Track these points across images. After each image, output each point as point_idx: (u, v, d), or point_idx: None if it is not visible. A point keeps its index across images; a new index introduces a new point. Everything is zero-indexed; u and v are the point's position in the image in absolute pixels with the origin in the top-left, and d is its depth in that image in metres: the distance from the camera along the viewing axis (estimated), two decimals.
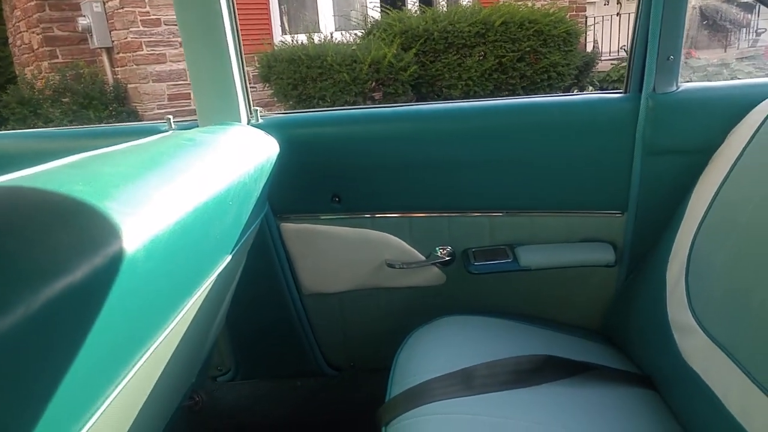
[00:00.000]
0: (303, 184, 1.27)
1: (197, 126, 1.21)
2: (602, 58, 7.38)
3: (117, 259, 0.48)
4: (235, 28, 1.17)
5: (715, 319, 0.89)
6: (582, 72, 6.23)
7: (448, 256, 1.30)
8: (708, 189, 1.02)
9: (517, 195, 1.25)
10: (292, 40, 5.49)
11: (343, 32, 5.85)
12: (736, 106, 1.06)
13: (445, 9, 5.78)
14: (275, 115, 1.28)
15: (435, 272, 1.33)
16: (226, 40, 1.14)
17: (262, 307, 1.39)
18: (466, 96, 5.29)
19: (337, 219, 1.30)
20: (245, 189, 0.88)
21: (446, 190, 1.26)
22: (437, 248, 1.31)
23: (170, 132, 1.19)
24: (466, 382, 0.98)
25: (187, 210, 0.64)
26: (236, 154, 0.91)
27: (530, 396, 0.97)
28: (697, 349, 0.91)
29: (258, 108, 1.25)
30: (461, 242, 1.30)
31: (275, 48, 5.50)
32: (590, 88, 6.22)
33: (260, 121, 1.25)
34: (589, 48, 7.32)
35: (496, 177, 1.23)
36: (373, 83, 5.08)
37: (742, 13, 6.81)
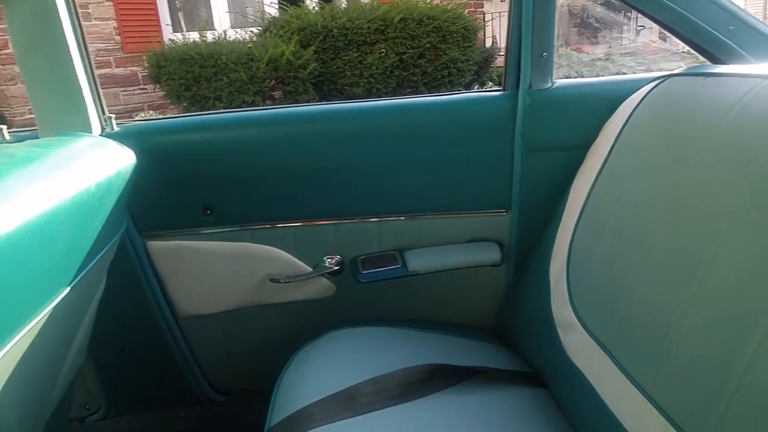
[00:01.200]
0: (170, 198, 1.17)
1: (36, 137, 1.07)
2: (501, 53, 7.57)
3: None
4: (76, 24, 1.04)
5: (592, 314, 0.90)
6: (482, 68, 6.36)
7: (336, 266, 1.24)
8: (585, 184, 1.03)
9: (402, 198, 1.21)
10: (184, 39, 5.23)
11: (239, 30, 5.64)
12: (608, 101, 1.07)
13: (344, 5, 5.72)
14: (134, 123, 1.16)
15: (324, 283, 1.26)
16: (65, 39, 1.01)
17: (132, 335, 1.27)
18: (368, 93, 5.26)
19: (211, 233, 1.20)
20: (83, 210, 0.77)
21: (329, 196, 1.19)
22: (325, 258, 1.24)
23: None
24: (350, 402, 0.92)
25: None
26: (72, 171, 0.79)
27: (418, 409, 0.93)
28: (577, 345, 0.91)
29: (112, 115, 1.12)
30: (349, 250, 1.24)
31: (165, 47, 5.21)
32: (490, 83, 6.37)
33: (116, 129, 1.13)
34: (488, 44, 7.49)
35: (380, 180, 1.19)
36: (272, 82, 4.93)
37: (624, 11, 7.24)
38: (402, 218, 1.22)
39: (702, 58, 1.03)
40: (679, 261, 0.72)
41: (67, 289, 0.77)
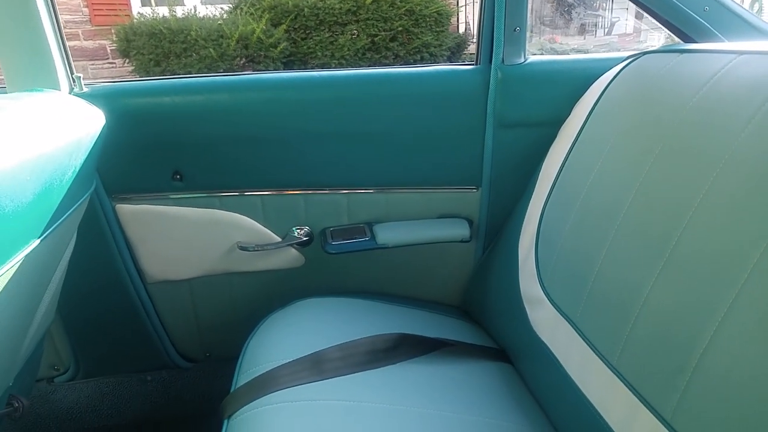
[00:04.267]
0: (139, 161, 1.15)
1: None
2: (473, 40, 7.58)
3: None
4: None
5: (559, 289, 0.90)
6: (454, 53, 6.37)
7: (305, 237, 1.24)
8: (555, 161, 1.04)
9: (374, 171, 1.21)
10: (153, 13, 5.11)
11: (209, 6, 5.53)
12: (581, 78, 1.08)
13: None
14: (103, 84, 1.14)
15: (293, 254, 1.26)
16: None
17: (101, 298, 1.25)
18: None
19: (180, 199, 1.19)
20: (53, 164, 0.76)
21: (299, 165, 1.19)
22: (294, 228, 1.24)
23: None
24: (317, 366, 0.93)
25: None
26: (41, 124, 0.78)
27: (384, 376, 0.94)
28: (544, 320, 0.92)
29: (80, 75, 1.10)
30: (318, 221, 1.24)
31: (134, 20, 5.09)
32: None
33: (84, 90, 1.11)
34: (461, 29, 7.50)
35: (350, 152, 1.18)
36: (243, 60, 4.87)
37: (599, 2, 7.29)
38: (372, 191, 1.23)
39: (677, 39, 1.04)
40: (647, 238, 0.73)
41: (37, 241, 0.76)
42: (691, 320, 0.62)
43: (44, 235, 0.78)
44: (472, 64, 1.17)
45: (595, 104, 0.99)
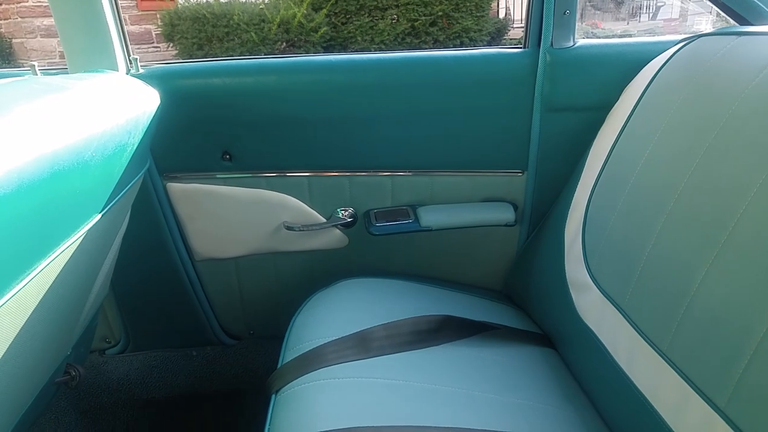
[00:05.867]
0: (190, 141, 1.18)
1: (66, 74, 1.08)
2: (514, 26, 7.48)
3: None
4: None
5: (607, 274, 0.90)
6: (494, 39, 6.30)
7: (349, 218, 1.26)
8: (604, 146, 1.03)
9: (418, 153, 1.21)
10: None
11: None
12: (631, 63, 1.07)
13: None
14: (158, 65, 1.17)
15: (337, 234, 1.28)
16: None
17: (151, 274, 1.30)
18: None
19: (229, 178, 1.22)
20: (114, 141, 0.79)
21: (345, 147, 1.20)
22: (338, 209, 1.26)
23: (27, 77, 1.06)
24: (362, 345, 0.95)
25: (32, 156, 0.56)
26: (104, 103, 0.81)
27: (428, 357, 0.95)
28: (590, 305, 0.92)
29: (137, 57, 1.13)
30: (363, 203, 1.26)
31: (178, 5, 5.18)
32: None
33: (140, 71, 1.14)
34: (502, 14, 7.40)
35: (396, 134, 1.19)
36: (283, 44, 4.91)
37: None
38: (417, 174, 1.23)
39: (732, 21, 1.01)
40: (700, 225, 0.71)
41: (98, 216, 0.79)
42: (746, 307, 0.61)
43: (105, 210, 0.81)
44: (520, 48, 1.16)
45: (646, 88, 0.97)
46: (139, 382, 1.42)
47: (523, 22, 1.19)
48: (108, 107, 0.81)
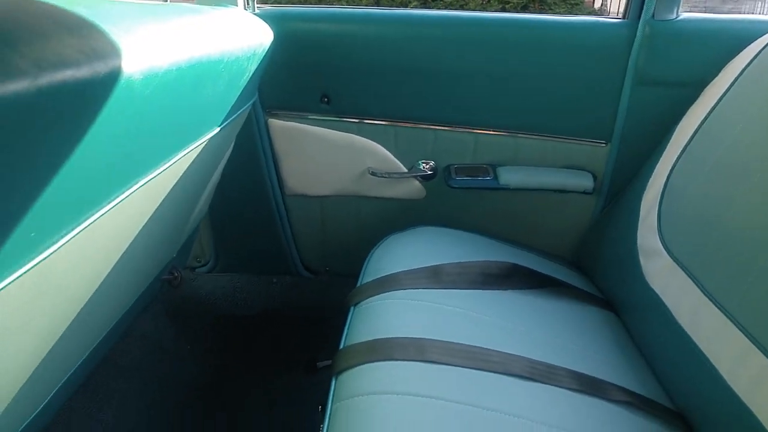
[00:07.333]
0: (294, 81, 1.27)
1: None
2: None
3: (116, 72, 0.49)
4: None
5: (680, 242, 0.92)
6: None
7: (430, 171, 1.32)
8: (693, 121, 1.03)
9: (504, 114, 1.25)
10: None
11: None
12: (735, 39, 1.05)
13: None
14: (271, 8, 1.26)
15: (415, 185, 1.34)
16: None
17: (245, 202, 1.41)
18: None
19: (324, 120, 1.31)
20: (237, 64, 0.88)
21: (435, 101, 1.26)
22: (420, 162, 1.32)
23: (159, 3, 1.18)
24: (435, 276, 1.01)
25: (183, 57, 0.65)
26: (229, 30, 0.90)
27: (495, 297, 1.00)
28: (659, 271, 0.94)
29: None
30: (444, 157, 1.31)
31: None
32: None
33: (256, 11, 1.24)
34: (597, 5, 7.18)
35: (484, 92, 1.23)
36: None
37: None
38: (500, 133, 1.27)
39: None
40: None
41: (217, 129, 0.89)
42: None
43: (222, 125, 0.91)
44: (619, 19, 1.17)
45: (746, 68, 0.97)
46: (223, 299, 1.55)
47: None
48: (233, 32, 0.90)
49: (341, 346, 0.86)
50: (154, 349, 1.38)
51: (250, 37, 0.98)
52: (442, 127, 1.29)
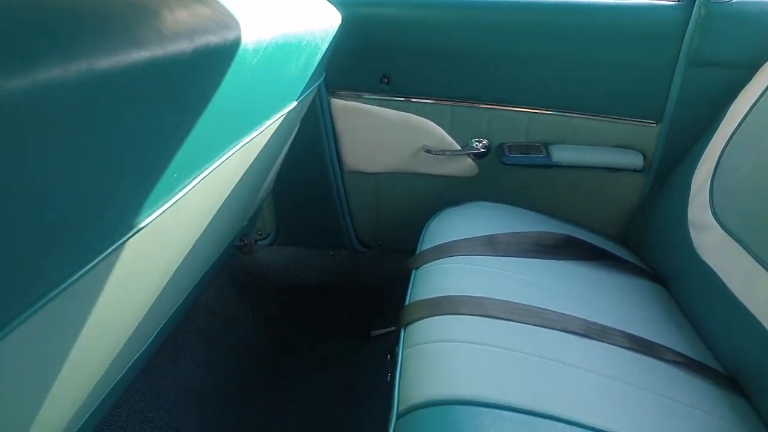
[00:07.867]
0: (356, 62, 1.33)
1: None
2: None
3: (238, 41, 0.56)
4: None
5: (733, 215, 0.95)
6: None
7: (483, 149, 1.36)
8: (745, 103, 1.05)
9: (556, 93, 1.29)
10: None
11: None
12: None
13: None
14: None
15: (468, 163, 1.40)
16: None
17: (306, 178, 1.49)
18: None
19: (383, 100, 1.37)
20: (314, 43, 0.95)
21: (489, 81, 1.30)
22: (473, 140, 1.37)
23: None
24: (491, 245, 1.07)
25: (279, 33, 0.72)
26: (308, 11, 0.97)
27: (549, 267, 1.05)
28: (710, 242, 0.98)
29: None
30: (497, 136, 1.36)
31: None
32: None
33: None
34: None
35: (538, 73, 1.28)
36: None
37: None
38: (552, 113, 1.31)
39: None
40: None
41: (294, 104, 0.96)
42: None
43: (299, 99, 0.98)
44: (674, 1, 1.20)
45: None
46: (282, 270, 1.64)
47: None
48: (311, 14, 0.97)
49: (406, 303, 0.93)
50: (218, 315, 1.47)
51: (323, 19, 1.04)
52: (496, 107, 1.34)
